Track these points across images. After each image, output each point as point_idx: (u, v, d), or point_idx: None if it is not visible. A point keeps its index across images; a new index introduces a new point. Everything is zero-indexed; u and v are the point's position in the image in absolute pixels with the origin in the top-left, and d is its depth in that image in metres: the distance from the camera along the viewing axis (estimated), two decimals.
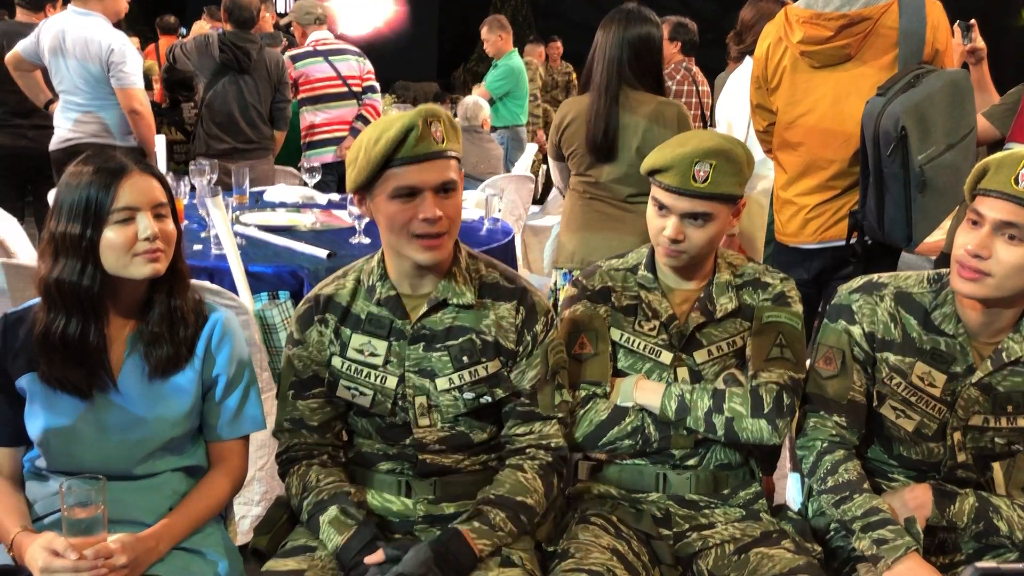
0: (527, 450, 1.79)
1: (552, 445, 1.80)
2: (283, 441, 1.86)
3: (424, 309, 1.77)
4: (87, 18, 4.19)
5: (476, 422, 1.81)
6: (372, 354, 1.79)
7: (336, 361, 1.81)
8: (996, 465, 1.86)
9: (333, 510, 1.70)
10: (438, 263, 1.75)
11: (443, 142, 1.67)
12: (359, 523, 1.68)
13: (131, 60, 4.21)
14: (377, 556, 1.62)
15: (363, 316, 1.80)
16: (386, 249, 1.80)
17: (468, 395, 1.77)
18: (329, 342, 1.81)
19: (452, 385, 1.77)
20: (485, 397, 1.78)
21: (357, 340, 1.79)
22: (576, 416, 1.88)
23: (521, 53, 8.02)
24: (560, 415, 1.82)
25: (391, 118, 1.68)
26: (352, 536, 1.66)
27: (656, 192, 1.88)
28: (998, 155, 1.70)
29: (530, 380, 1.80)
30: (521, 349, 1.80)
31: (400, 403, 1.78)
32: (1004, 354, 1.77)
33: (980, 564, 0.99)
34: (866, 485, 1.77)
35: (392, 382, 1.77)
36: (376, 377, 1.78)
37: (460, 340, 1.77)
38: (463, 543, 1.61)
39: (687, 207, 1.83)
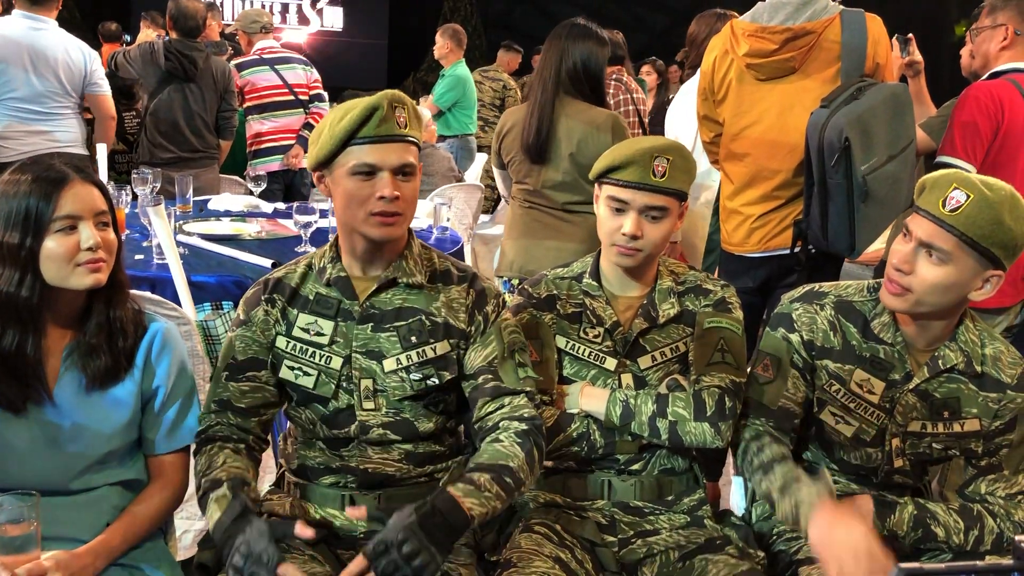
0: (500, 423, 1.74)
1: (526, 415, 1.75)
2: (204, 422, 1.80)
3: (373, 288, 1.77)
4: (49, 26, 4.15)
5: (422, 409, 1.79)
6: (318, 333, 1.77)
7: (280, 341, 1.79)
8: (932, 469, 1.90)
9: (224, 488, 1.64)
10: (391, 242, 1.75)
11: (406, 127, 1.70)
12: (233, 497, 1.61)
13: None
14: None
15: (311, 297, 1.79)
16: (340, 230, 1.79)
17: (415, 376, 1.76)
18: (275, 322, 1.79)
19: (399, 366, 1.76)
20: (432, 379, 1.77)
21: (303, 320, 1.78)
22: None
23: (492, 61, 8.01)
24: (528, 389, 1.79)
25: (357, 99, 1.69)
26: (225, 510, 1.60)
27: (613, 191, 1.90)
28: (935, 174, 1.74)
29: (485, 358, 1.78)
30: (473, 329, 1.79)
31: (344, 384, 1.76)
32: (940, 362, 1.81)
33: (904, 565, 1.01)
34: (786, 460, 1.77)
35: (337, 362, 1.76)
36: (321, 357, 1.76)
37: (409, 320, 1.77)
38: (452, 502, 1.52)
39: (646, 201, 1.87)
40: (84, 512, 1.70)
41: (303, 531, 1.59)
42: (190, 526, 2.65)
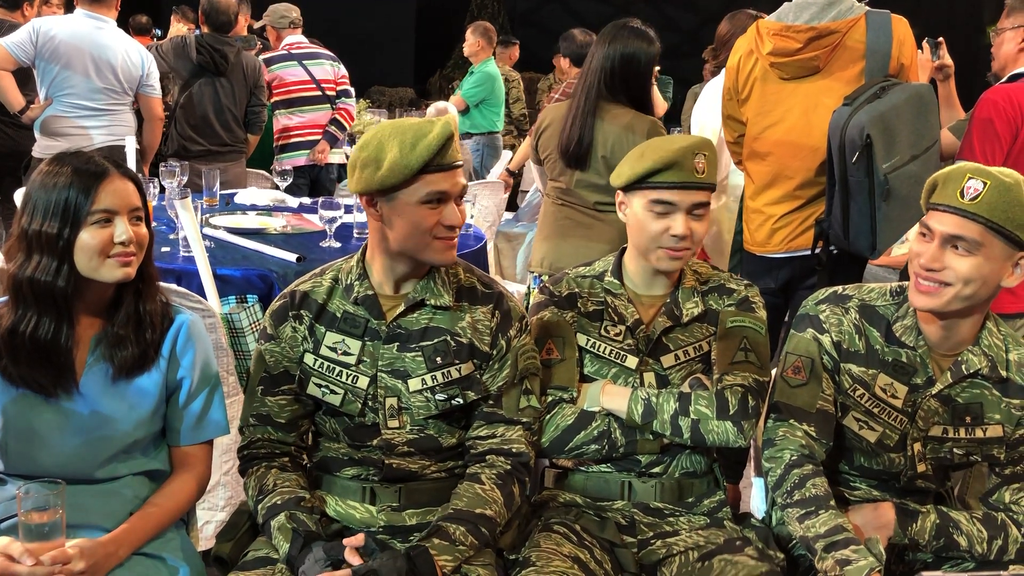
0: (487, 456, 1.79)
1: (513, 451, 1.79)
2: (246, 436, 1.84)
3: (401, 309, 1.78)
4: (109, 25, 4.24)
5: (445, 426, 1.81)
6: (345, 353, 1.79)
7: (308, 358, 1.80)
8: (955, 475, 1.88)
9: (282, 517, 1.69)
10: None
11: (458, 153, 1.75)
12: (293, 530, 1.67)
13: None
14: (357, 540, 1.63)
15: (338, 314, 1.80)
16: (378, 251, 1.79)
17: (440, 396, 1.78)
18: (303, 339, 1.81)
19: (424, 386, 1.77)
20: (457, 399, 1.79)
21: (331, 338, 1.79)
22: (543, 421, 1.89)
23: (520, 58, 7.98)
24: (525, 420, 1.82)
25: (410, 124, 1.69)
26: (292, 542, 1.66)
27: (657, 195, 1.88)
28: (946, 169, 1.73)
29: (499, 382, 1.81)
30: (495, 353, 1.81)
31: (370, 403, 1.78)
32: (963, 366, 1.79)
33: (926, 573, 1.01)
34: (832, 502, 1.75)
35: (364, 382, 1.77)
36: (348, 376, 1.78)
37: (435, 341, 1.78)
38: (428, 560, 1.60)
39: (693, 199, 1.88)
40: (108, 501, 1.72)
41: (351, 557, 1.61)
42: (211, 517, 2.67)
